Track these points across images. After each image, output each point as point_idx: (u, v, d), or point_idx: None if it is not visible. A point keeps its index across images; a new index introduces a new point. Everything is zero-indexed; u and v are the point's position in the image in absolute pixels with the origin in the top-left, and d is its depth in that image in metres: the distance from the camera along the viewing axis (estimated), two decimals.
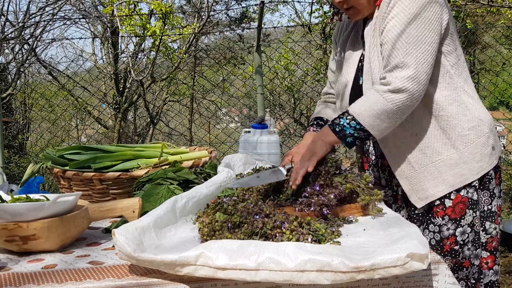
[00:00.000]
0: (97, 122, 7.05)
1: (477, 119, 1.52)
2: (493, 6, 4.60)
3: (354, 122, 1.44)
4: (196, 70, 6.83)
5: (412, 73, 1.40)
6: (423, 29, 1.41)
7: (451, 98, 1.51)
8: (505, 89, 7.06)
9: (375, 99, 1.43)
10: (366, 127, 1.43)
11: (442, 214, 1.52)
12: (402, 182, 1.56)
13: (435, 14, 1.43)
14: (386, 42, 1.46)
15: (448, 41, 1.50)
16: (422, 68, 1.41)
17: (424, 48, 1.41)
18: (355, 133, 1.45)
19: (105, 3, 5.01)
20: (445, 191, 1.52)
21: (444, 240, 1.52)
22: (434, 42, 1.43)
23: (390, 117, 1.43)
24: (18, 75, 6.44)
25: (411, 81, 1.40)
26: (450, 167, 1.51)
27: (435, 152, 1.51)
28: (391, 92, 1.41)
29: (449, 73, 1.51)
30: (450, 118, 1.50)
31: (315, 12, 5.47)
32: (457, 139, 1.50)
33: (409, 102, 1.42)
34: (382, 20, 1.49)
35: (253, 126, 2.57)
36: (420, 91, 1.42)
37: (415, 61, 1.40)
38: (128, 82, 6.46)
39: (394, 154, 1.56)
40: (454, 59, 1.52)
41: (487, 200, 1.56)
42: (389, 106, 1.41)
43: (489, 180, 1.55)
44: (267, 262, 0.98)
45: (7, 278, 1.06)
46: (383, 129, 1.45)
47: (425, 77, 1.42)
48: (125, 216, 1.36)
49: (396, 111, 1.42)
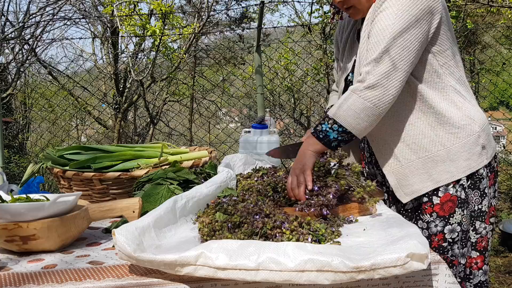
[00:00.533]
0: (97, 122, 7.05)
1: (467, 118, 1.52)
2: (493, 6, 4.60)
3: (335, 125, 1.45)
4: (196, 70, 6.83)
5: (388, 69, 1.40)
6: (409, 26, 1.41)
7: (438, 96, 1.51)
8: (505, 89, 7.05)
9: (353, 99, 1.43)
10: (348, 128, 1.44)
11: (430, 211, 1.53)
12: (389, 177, 1.58)
13: (425, 15, 1.42)
14: (371, 34, 1.46)
15: (439, 41, 1.50)
16: (400, 65, 1.40)
17: (405, 46, 1.40)
18: (338, 137, 1.46)
19: (105, 3, 5.01)
20: (431, 187, 1.52)
21: (432, 236, 1.53)
22: (417, 41, 1.42)
23: (369, 115, 1.43)
24: (18, 75, 6.44)
25: (386, 77, 1.40)
26: (437, 163, 1.51)
27: (422, 148, 1.52)
28: (366, 89, 1.41)
29: (437, 72, 1.51)
30: (438, 115, 1.51)
31: (315, 12, 5.47)
32: (445, 136, 1.51)
33: (385, 98, 1.41)
34: (373, 14, 1.49)
35: (253, 126, 2.57)
36: (396, 87, 1.41)
37: (394, 57, 1.40)
38: (128, 82, 6.45)
39: (381, 149, 1.57)
40: (445, 59, 1.52)
41: (477, 199, 1.57)
42: (366, 103, 1.41)
43: (479, 180, 1.55)
44: (267, 262, 0.98)
45: (7, 278, 1.06)
46: (364, 128, 1.45)
47: (402, 74, 1.41)
48: (125, 216, 1.36)
49: (373, 108, 1.42)
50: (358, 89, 1.43)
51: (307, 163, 1.47)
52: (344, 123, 1.44)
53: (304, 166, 1.46)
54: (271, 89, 6.70)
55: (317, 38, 5.76)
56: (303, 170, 1.45)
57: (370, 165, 1.72)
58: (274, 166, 1.83)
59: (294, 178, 1.45)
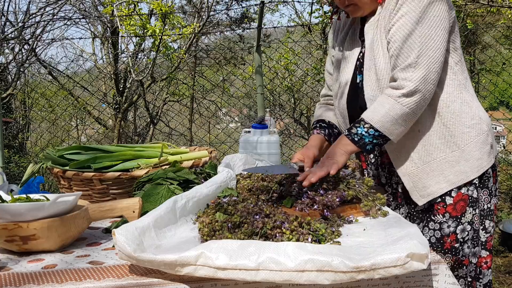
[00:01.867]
0: (97, 122, 7.05)
1: (477, 117, 1.53)
2: (493, 6, 4.60)
3: (372, 130, 1.45)
4: (196, 70, 6.83)
5: (424, 74, 1.41)
6: (433, 27, 1.42)
7: (454, 95, 1.51)
8: (505, 89, 7.05)
9: (390, 105, 1.44)
10: (385, 133, 1.45)
11: (442, 212, 1.52)
12: (404, 179, 1.56)
13: (443, 12, 1.43)
14: (395, 40, 1.46)
15: (453, 38, 1.51)
16: (433, 68, 1.42)
17: (435, 46, 1.42)
18: (374, 140, 1.46)
19: (105, 3, 5.01)
20: (447, 188, 1.52)
21: (444, 237, 1.52)
22: (444, 40, 1.44)
23: (406, 120, 1.45)
24: (18, 75, 6.43)
25: (423, 81, 1.42)
26: (452, 164, 1.51)
27: (437, 149, 1.52)
28: (405, 96, 1.42)
29: (453, 70, 1.52)
30: (453, 115, 1.51)
31: (315, 12, 5.48)
32: (459, 136, 1.51)
33: (422, 102, 1.44)
34: (388, 18, 1.48)
35: (253, 126, 2.58)
36: (431, 91, 1.44)
37: (427, 61, 1.41)
38: (128, 82, 6.45)
39: (397, 151, 1.56)
40: (458, 56, 1.53)
41: (487, 198, 1.57)
42: (405, 110, 1.43)
43: (488, 179, 1.56)
44: (267, 262, 0.98)
45: (7, 278, 1.06)
46: (401, 132, 1.47)
47: (435, 76, 1.43)
48: (125, 216, 1.36)
49: (411, 113, 1.44)
50: (396, 95, 1.44)
51: (340, 161, 1.46)
52: (382, 128, 1.44)
53: (336, 162, 1.45)
54: (271, 89, 6.70)
55: (317, 38, 5.76)
56: (333, 164, 1.44)
57: (373, 167, 1.71)
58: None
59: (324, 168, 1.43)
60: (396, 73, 1.45)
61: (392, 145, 1.57)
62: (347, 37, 1.69)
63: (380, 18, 1.52)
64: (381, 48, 1.51)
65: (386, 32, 1.50)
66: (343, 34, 1.71)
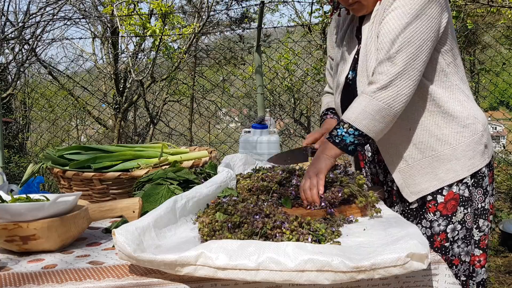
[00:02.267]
0: (97, 122, 7.05)
1: (472, 117, 1.53)
2: (493, 6, 4.60)
3: (351, 129, 1.43)
4: (196, 70, 6.83)
5: (401, 69, 1.40)
6: (421, 26, 1.41)
7: (446, 95, 1.51)
8: (505, 89, 7.06)
9: (366, 101, 1.42)
10: (364, 131, 1.43)
11: (433, 210, 1.53)
12: (395, 176, 1.57)
13: (435, 13, 1.43)
14: (382, 34, 1.45)
15: (445, 40, 1.51)
16: (413, 64, 1.40)
17: (418, 45, 1.40)
18: (355, 140, 1.44)
19: (105, 3, 5.01)
20: (437, 186, 1.53)
21: (434, 236, 1.53)
22: (429, 40, 1.42)
23: (384, 116, 1.42)
24: (18, 75, 6.44)
25: (399, 76, 1.40)
26: (443, 162, 1.52)
27: (429, 147, 1.52)
28: (379, 90, 1.41)
29: (445, 71, 1.52)
30: (445, 115, 1.51)
31: (315, 12, 5.48)
32: (451, 135, 1.51)
33: (399, 97, 1.41)
34: (382, 12, 1.48)
35: (253, 126, 2.58)
36: (409, 87, 1.41)
37: (406, 56, 1.40)
38: (128, 82, 6.45)
39: (387, 148, 1.57)
40: (450, 58, 1.53)
41: (481, 197, 1.58)
42: (381, 105, 1.41)
43: (482, 178, 1.56)
44: (267, 262, 0.98)
45: (7, 278, 1.06)
46: (380, 129, 1.45)
47: (416, 73, 1.41)
48: (125, 216, 1.36)
49: (387, 108, 1.41)
50: (371, 90, 1.42)
51: (322, 167, 1.45)
52: (360, 126, 1.42)
53: (319, 170, 1.44)
54: (271, 89, 6.70)
55: (317, 38, 5.76)
56: (317, 173, 1.43)
57: (371, 165, 1.72)
58: (273, 165, 1.82)
59: (308, 180, 1.44)
60: (375, 67, 1.45)
61: (383, 143, 1.57)
62: (345, 36, 1.69)
63: (376, 15, 1.52)
64: (373, 45, 1.51)
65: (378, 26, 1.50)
66: (342, 33, 1.72)
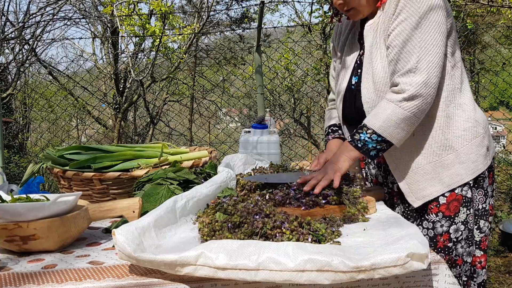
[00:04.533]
0: (97, 122, 7.05)
1: (473, 120, 1.53)
2: (493, 6, 4.60)
3: (375, 135, 1.45)
4: (196, 70, 6.83)
5: (425, 78, 1.42)
6: (433, 32, 1.43)
7: (449, 99, 1.52)
8: (505, 89, 7.06)
9: (392, 110, 1.44)
10: (388, 138, 1.45)
11: (436, 211, 1.53)
12: (400, 182, 1.58)
13: (441, 18, 1.44)
14: (394, 46, 1.47)
15: (450, 43, 1.52)
16: (433, 72, 1.43)
17: (434, 51, 1.43)
18: (377, 146, 1.46)
19: (105, 3, 5.01)
20: (442, 190, 1.53)
21: (437, 236, 1.54)
22: (442, 45, 1.45)
23: (409, 125, 1.45)
24: (18, 75, 6.44)
25: (424, 86, 1.42)
26: (447, 167, 1.52)
27: (433, 152, 1.52)
28: (406, 100, 1.43)
29: (450, 74, 1.53)
30: (447, 118, 1.52)
31: (315, 12, 5.47)
32: (454, 139, 1.52)
33: (424, 106, 1.44)
34: (388, 22, 1.49)
35: (253, 126, 2.58)
36: (432, 95, 1.44)
37: (427, 65, 1.42)
38: (128, 82, 6.46)
39: (392, 154, 1.57)
40: (454, 60, 1.54)
41: (482, 198, 1.58)
42: (407, 114, 1.43)
43: (483, 179, 1.57)
44: (267, 262, 0.98)
45: (7, 278, 1.06)
46: (403, 137, 1.47)
47: (436, 80, 1.44)
48: (125, 216, 1.36)
49: (413, 117, 1.44)
50: (397, 99, 1.44)
51: (342, 167, 1.46)
52: (384, 133, 1.44)
53: (338, 168, 1.45)
54: (271, 89, 6.70)
55: (317, 38, 5.76)
56: (336, 171, 1.44)
57: (371, 166, 1.73)
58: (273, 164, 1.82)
59: (323, 174, 1.44)
60: (397, 78, 1.46)
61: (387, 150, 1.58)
62: (347, 42, 1.71)
63: (379, 22, 1.53)
64: (379, 52, 1.53)
65: (385, 36, 1.51)
66: (344, 38, 1.73)
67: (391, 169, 1.59)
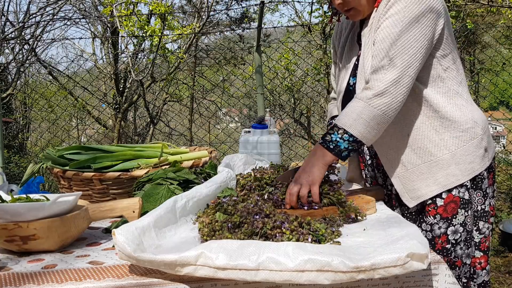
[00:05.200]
0: (97, 122, 7.05)
1: (471, 121, 1.52)
2: (493, 6, 4.60)
3: (346, 135, 1.42)
4: (196, 70, 6.83)
5: (397, 76, 1.40)
6: (415, 34, 1.41)
7: (443, 100, 1.51)
8: (505, 89, 7.06)
9: (362, 107, 1.42)
10: (359, 137, 1.42)
11: (433, 213, 1.53)
12: (394, 182, 1.57)
13: (430, 21, 1.43)
14: (377, 41, 1.46)
15: (443, 46, 1.50)
16: (407, 72, 1.41)
17: (412, 52, 1.41)
18: (349, 146, 1.43)
19: (104, 3, 5.01)
20: (437, 191, 1.52)
21: (435, 238, 1.53)
22: (423, 48, 1.42)
23: (378, 123, 1.42)
24: (18, 75, 6.44)
25: (395, 84, 1.40)
26: (442, 167, 1.51)
27: (428, 152, 1.52)
28: (375, 97, 1.41)
29: (441, 77, 1.52)
30: (443, 119, 1.51)
31: (315, 12, 5.48)
32: (450, 140, 1.51)
33: (393, 105, 1.42)
34: (378, 20, 1.49)
35: (253, 126, 2.58)
36: (403, 94, 1.42)
37: (401, 64, 1.40)
38: (128, 82, 6.46)
39: (386, 153, 1.57)
40: (447, 63, 1.53)
41: (480, 200, 1.57)
42: (376, 111, 1.41)
43: (481, 180, 1.56)
44: (267, 262, 0.98)
45: (7, 278, 1.06)
46: (374, 136, 1.45)
47: (409, 80, 1.42)
48: (125, 216, 1.36)
49: (382, 115, 1.42)
50: (366, 97, 1.42)
51: (316, 177, 1.42)
52: (355, 132, 1.42)
53: (314, 179, 1.41)
54: (271, 89, 6.70)
55: (317, 38, 5.76)
56: (312, 183, 1.41)
57: (370, 168, 1.72)
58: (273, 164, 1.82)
59: (298, 187, 1.41)
60: (370, 74, 1.45)
61: (381, 148, 1.57)
62: (347, 42, 1.70)
63: (373, 21, 1.52)
64: (370, 52, 1.52)
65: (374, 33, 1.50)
66: (344, 38, 1.72)
67: (386, 169, 1.58)
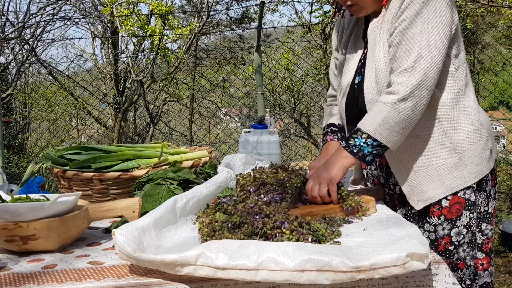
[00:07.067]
0: (97, 122, 7.05)
1: (478, 123, 1.52)
2: (493, 6, 4.60)
3: (370, 139, 1.42)
4: (196, 70, 6.84)
5: (420, 79, 1.39)
6: (434, 33, 1.40)
7: (454, 101, 1.50)
8: (505, 89, 7.07)
9: (387, 112, 1.41)
10: (384, 142, 1.42)
11: (438, 214, 1.52)
12: (402, 184, 1.56)
13: (446, 19, 1.42)
14: (395, 44, 1.45)
15: (456, 44, 1.50)
16: (430, 74, 1.40)
17: (433, 53, 1.40)
18: (373, 151, 1.43)
19: (104, 3, 5.01)
20: (445, 193, 1.51)
21: (438, 239, 1.52)
22: (443, 47, 1.42)
23: (403, 127, 1.42)
24: (18, 75, 6.44)
25: (419, 87, 1.39)
26: (450, 170, 1.50)
27: (436, 155, 1.51)
28: (400, 102, 1.40)
29: (454, 76, 1.50)
30: (452, 121, 1.50)
31: (315, 12, 5.48)
32: (458, 142, 1.50)
33: (418, 108, 1.41)
34: (391, 21, 1.47)
35: (253, 126, 2.58)
36: (427, 97, 1.41)
37: (424, 66, 1.39)
38: (128, 82, 6.46)
39: (395, 155, 1.55)
40: (458, 62, 1.52)
41: (484, 201, 1.56)
42: (401, 116, 1.40)
43: (486, 182, 1.55)
44: (267, 262, 0.98)
45: (7, 278, 1.06)
46: (399, 140, 1.45)
47: (432, 82, 1.41)
48: (125, 216, 1.36)
49: (407, 119, 1.41)
50: (391, 102, 1.41)
51: (336, 176, 1.44)
52: (380, 137, 1.41)
53: (333, 178, 1.43)
54: (271, 89, 6.70)
55: (317, 38, 5.76)
56: (331, 182, 1.43)
57: (372, 167, 1.71)
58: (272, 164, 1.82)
59: (317, 186, 1.43)
60: (392, 77, 1.44)
61: (390, 151, 1.56)
62: (350, 38, 1.68)
63: (384, 20, 1.50)
64: (382, 51, 1.50)
65: (388, 35, 1.48)
66: (347, 35, 1.70)
67: (393, 171, 1.57)
